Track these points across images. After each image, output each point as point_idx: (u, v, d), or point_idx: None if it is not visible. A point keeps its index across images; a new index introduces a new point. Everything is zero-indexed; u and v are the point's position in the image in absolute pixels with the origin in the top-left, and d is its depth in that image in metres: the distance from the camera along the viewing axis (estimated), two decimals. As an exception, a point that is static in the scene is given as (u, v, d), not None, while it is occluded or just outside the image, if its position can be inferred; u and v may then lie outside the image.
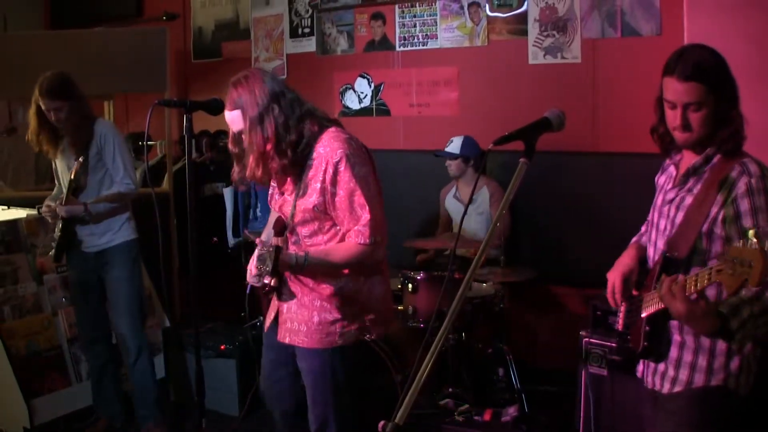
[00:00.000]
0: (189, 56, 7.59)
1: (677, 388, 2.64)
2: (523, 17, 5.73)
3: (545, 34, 5.63)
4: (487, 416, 4.49)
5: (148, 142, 6.35)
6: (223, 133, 7.02)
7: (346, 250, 3.16)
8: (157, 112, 3.34)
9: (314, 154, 3.11)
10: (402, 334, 4.80)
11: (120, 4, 7.86)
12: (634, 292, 2.84)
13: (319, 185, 3.10)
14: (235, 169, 3.28)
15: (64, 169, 4.78)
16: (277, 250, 3.00)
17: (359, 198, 3.08)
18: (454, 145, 5.49)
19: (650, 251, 2.86)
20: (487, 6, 5.86)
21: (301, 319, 3.27)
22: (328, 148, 3.09)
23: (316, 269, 3.17)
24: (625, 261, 2.93)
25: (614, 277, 2.88)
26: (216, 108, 3.24)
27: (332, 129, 3.18)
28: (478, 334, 4.97)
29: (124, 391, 5.17)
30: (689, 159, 2.69)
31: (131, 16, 7.71)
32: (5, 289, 5.06)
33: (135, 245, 4.89)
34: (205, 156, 7.07)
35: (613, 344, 3.95)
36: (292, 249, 3.25)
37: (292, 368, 3.41)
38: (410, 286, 4.85)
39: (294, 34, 6.84)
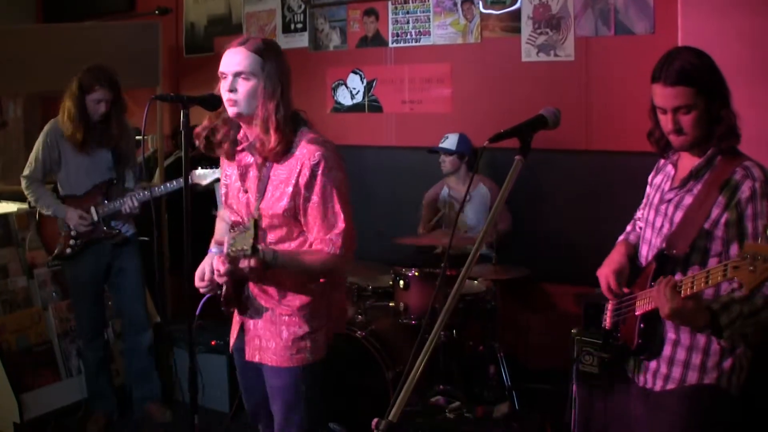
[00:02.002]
0: (181, 51, 7.56)
1: (670, 386, 2.66)
2: (516, 14, 5.72)
3: (538, 31, 5.62)
4: (478, 414, 4.49)
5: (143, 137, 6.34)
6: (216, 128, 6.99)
7: (316, 257, 2.98)
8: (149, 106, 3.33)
9: (287, 155, 2.97)
10: (393, 331, 4.80)
11: (112, -2, 7.84)
12: (625, 290, 2.84)
13: (291, 189, 2.95)
14: (206, 124, 3.20)
15: (86, 165, 4.85)
16: (256, 223, 2.71)
17: (334, 205, 2.95)
18: (450, 141, 5.47)
19: (644, 249, 2.86)
20: (480, 3, 5.86)
21: (270, 335, 3.11)
22: (304, 150, 2.94)
23: (283, 271, 2.99)
24: (616, 258, 2.95)
25: (606, 274, 2.90)
26: (213, 103, 3.21)
27: (305, 130, 3.02)
28: (469, 331, 4.98)
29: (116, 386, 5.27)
30: (688, 160, 2.70)
31: (123, 11, 7.66)
32: (-5, 283, 5.06)
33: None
34: (196, 151, 7.04)
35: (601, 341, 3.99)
36: None
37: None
38: (402, 282, 4.84)
39: (286, 29, 6.82)
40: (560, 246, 5.59)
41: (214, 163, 5.24)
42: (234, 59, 2.93)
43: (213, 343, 5.20)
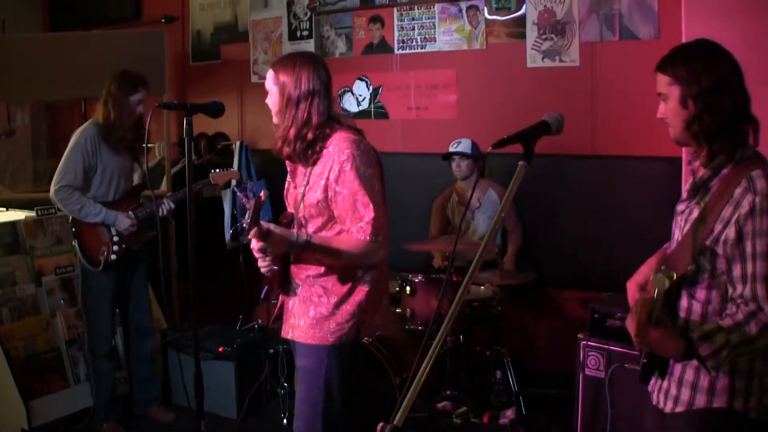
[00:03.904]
0: (187, 59, 7.59)
1: (679, 408, 2.50)
2: (521, 20, 5.73)
3: (543, 37, 5.63)
4: (484, 419, 4.50)
5: (147, 144, 6.37)
6: (221, 135, 7.02)
7: (349, 242, 3.12)
8: (155, 114, 3.35)
9: (323, 153, 3.14)
10: (400, 336, 4.80)
11: (119, 6, 7.86)
12: None
13: (323, 182, 3.11)
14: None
15: (119, 168, 4.90)
16: (257, 199, 2.92)
17: (363, 197, 3.08)
18: (464, 145, 5.46)
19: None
20: (485, 9, 5.87)
21: (300, 313, 3.26)
22: (336, 147, 3.11)
23: (317, 255, 3.15)
24: (643, 270, 2.73)
25: (631, 286, 2.71)
26: (216, 111, 3.23)
27: (341, 128, 3.20)
28: (476, 336, 4.98)
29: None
30: (702, 168, 2.51)
31: (130, 19, 7.71)
32: (3, 290, 5.06)
33: None
34: (203, 158, 7.07)
35: (612, 347, 3.99)
36: None
37: None
38: (408, 288, 4.85)
39: (292, 36, 6.85)
40: (566, 251, 5.59)
41: (222, 169, 5.28)
42: (268, 87, 3.21)
43: (220, 349, 5.21)
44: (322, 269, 3.22)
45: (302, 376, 3.30)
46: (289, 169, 3.40)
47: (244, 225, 2.95)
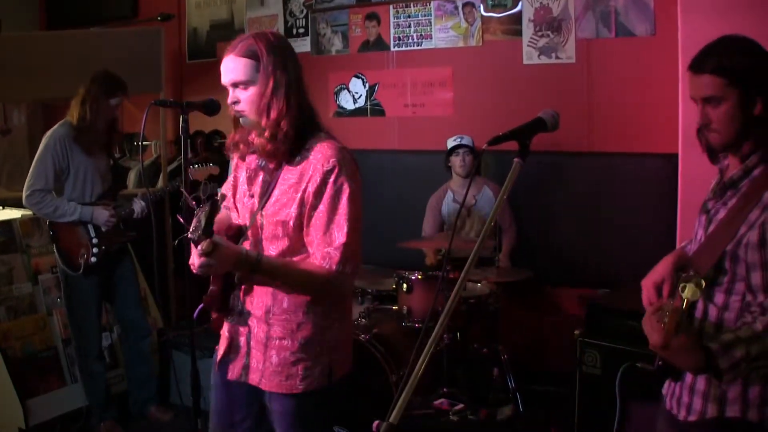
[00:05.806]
0: (184, 57, 7.58)
1: (692, 417, 2.38)
2: (517, 17, 5.73)
3: (540, 34, 5.63)
4: (482, 416, 4.50)
5: (143, 143, 6.35)
6: (218, 133, 7.01)
7: (308, 269, 2.67)
8: (152, 112, 3.33)
9: (299, 158, 2.70)
10: (396, 334, 4.80)
11: (115, 4, 7.85)
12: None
13: (299, 195, 2.66)
14: (234, 135, 2.90)
15: (93, 170, 4.83)
16: (213, 204, 2.46)
17: (341, 217, 2.63)
18: (467, 141, 5.48)
19: None
20: (481, 6, 5.87)
21: (260, 357, 2.81)
22: (318, 155, 2.65)
23: (269, 276, 2.70)
24: (659, 269, 2.54)
25: (646, 286, 2.53)
26: (212, 108, 3.21)
27: (323, 135, 2.74)
28: (473, 334, 4.98)
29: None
30: (733, 167, 2.37)
31: (126, 17, 7.69)
32: (0, 289, 5.05)
33: None
34: (199, 156, 7.06)
35: (609, 344, 3.99)
36: None
37: (256, 407, 2.92)
38: (405, 286, 4.84)
39: (289, 34, 6.84)
40: (563, 248, 5.60)
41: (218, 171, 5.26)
42: (227, 69, 2.71)
43: (217, 347, 5.19)
44: (285, 304, 2.76)
45: (283, 423, 2.88)
46: (246, 173, 2.91)
47: (190, 236, 2.51)
